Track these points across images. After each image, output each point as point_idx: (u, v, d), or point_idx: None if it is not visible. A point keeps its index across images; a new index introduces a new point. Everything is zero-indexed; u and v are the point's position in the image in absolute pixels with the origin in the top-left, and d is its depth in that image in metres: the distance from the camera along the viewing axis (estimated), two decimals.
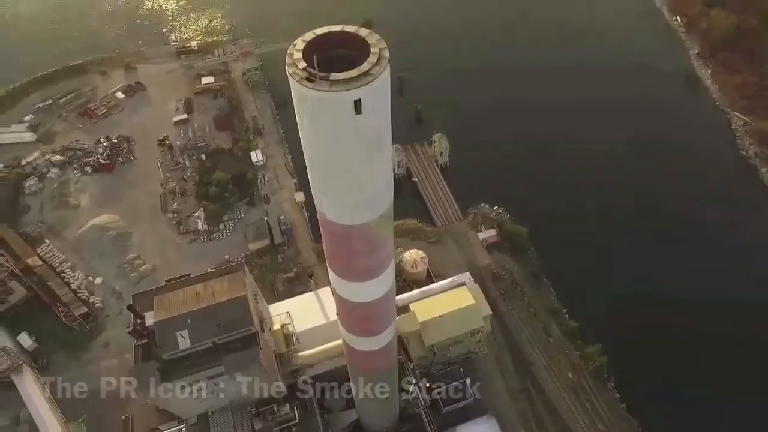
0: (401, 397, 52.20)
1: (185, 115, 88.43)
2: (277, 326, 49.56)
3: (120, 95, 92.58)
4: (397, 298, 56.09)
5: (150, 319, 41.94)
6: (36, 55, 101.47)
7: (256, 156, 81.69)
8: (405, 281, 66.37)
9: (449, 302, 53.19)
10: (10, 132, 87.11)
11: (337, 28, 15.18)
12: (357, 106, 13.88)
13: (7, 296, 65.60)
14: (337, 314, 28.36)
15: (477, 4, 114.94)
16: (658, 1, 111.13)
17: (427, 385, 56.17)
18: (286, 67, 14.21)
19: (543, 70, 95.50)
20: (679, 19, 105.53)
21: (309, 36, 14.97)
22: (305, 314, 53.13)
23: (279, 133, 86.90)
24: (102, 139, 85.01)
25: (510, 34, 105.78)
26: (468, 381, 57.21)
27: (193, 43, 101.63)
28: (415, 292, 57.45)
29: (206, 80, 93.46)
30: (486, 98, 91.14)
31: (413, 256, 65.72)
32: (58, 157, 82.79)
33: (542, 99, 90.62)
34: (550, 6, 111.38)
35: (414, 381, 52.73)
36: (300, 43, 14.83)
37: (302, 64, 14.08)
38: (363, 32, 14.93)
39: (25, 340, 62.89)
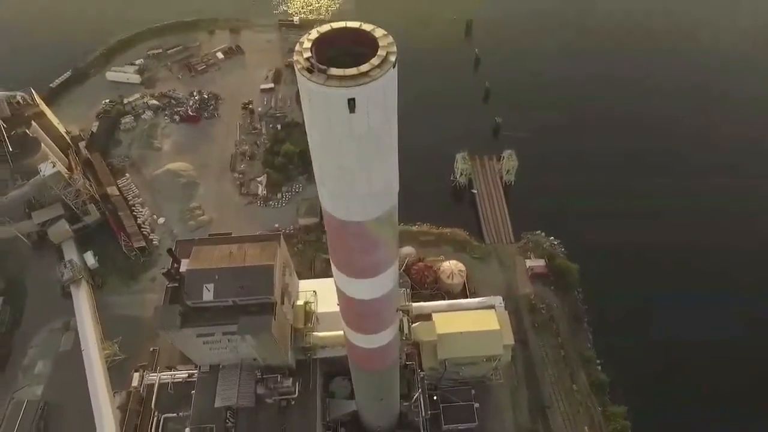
0: (402, 402, 52.00)
1: (272, 85, 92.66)
2: (300, 302, 50.91)
3: (220, 55, 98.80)
4: (424, 304, 56.15)
5: (185, 266, 44.83)
6: (159, 5, 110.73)
7: None
8: (438, 290, 65.58)
9: (473, 322, 51.92)
10: (121, 72, 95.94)
11: (355, 24, 15.15)
12: (351, 104, 13.83)
13: (83, 216, 72.82)
14: (337, 305, 28.64)
15: (593, 6, 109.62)
16: None
17: (434, 397, 55.52)
18: (294, 55, 14.46)
19: (656, 98, 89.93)
20: None
21: (325, 29, 15.10)
22: (330, 297, 53.70)
23: None
24: (195, 93, 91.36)
25: (624, 47, 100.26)
26: (476, 405, 55.77)
27: (296, 18, 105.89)
28: (443, 302, 56.67)
29: None
30: (575, 121, 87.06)
31: (452, 267, 64.52)
32: (155, 102, 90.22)
33: (641, 130, 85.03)
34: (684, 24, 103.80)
35: (420, 389, 52.33)
36: (314, 34, 15.00)
37: (307, 54, 14.25)
38: (378, 32, 14.78)
39: (89, 258, 69.57)
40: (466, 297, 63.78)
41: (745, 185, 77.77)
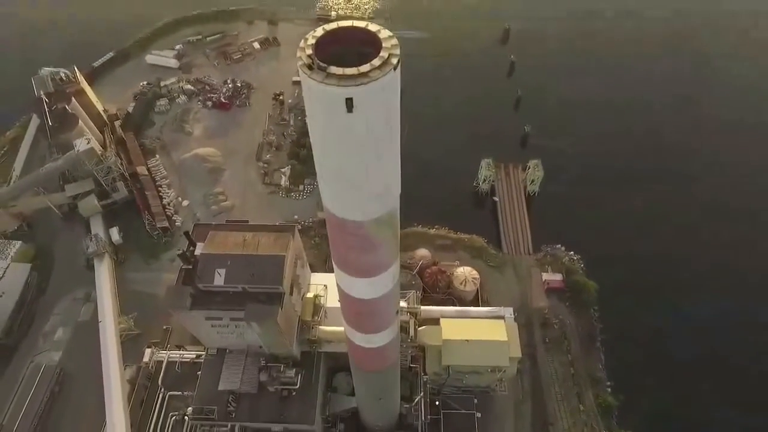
0: (403, 404, 51.91)
1: None
2: (310, 295, 51.30)
3: (256, 45, 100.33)
4: (432, 308, 55.79)
5: (199, 249, 45.82)
6: None
7: None
8: (450, 295, 65.13)
9: (480, 330, 51.28)
10: (161, 56, 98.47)
11: (361, 23, 15.11)
12: (348, 104, 13.81)
13: (112, 193, 75.26)
14: (338, 300, 28.76)
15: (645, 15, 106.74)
16: None
17: (436, 403, 55.29)
18: (297, 50, 14.54)
19: (696, 118, 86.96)
20: None
21: (331, 26, 15.12)
22: None
23: None
24: (229, 81, 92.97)
25: (671, 64, 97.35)
26: (478, 415, 55.24)
27: (333, 13, 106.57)
28: (452, 308, 56.19)
29: None
30: (608, 136, 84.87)
31: (466, 273, 63.94)
32: (190, 87, 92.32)
33: (680, 151, 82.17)
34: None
35: (421, 393, 52.15)
36: (320, 31, 15.04)
37: (309, 51, 14.31)
38: (383, 33, 14.70)
39: (114, 234, 71.76)
40: (479, 305, 63.23)
41: None
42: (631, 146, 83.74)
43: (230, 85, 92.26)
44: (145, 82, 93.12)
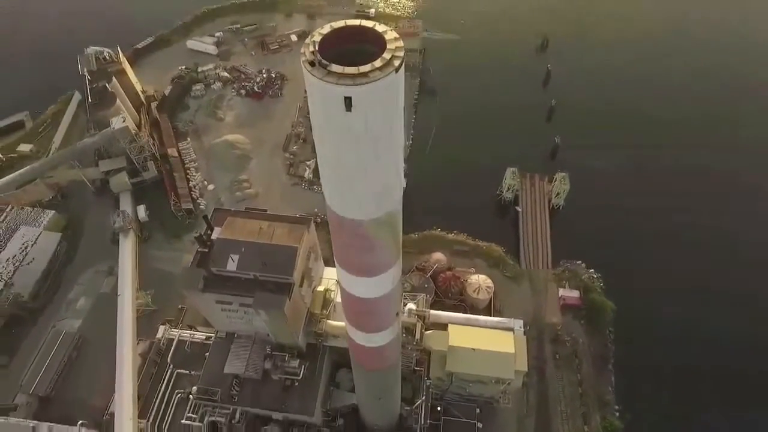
0: (405, 406, 51.82)
1: None
2: (321, 288, 51.75)
3: (293, 38, 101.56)
4: (441, 313, 55.37)
5: (217, 234, 46.78)
6: None
7: None
8: (463, 302, 64.57)
9: (488, 340, 50.58)
10: (201, 42, 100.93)
11: (369, 23, 15.09)
12: (347, 103, 13.83)
13: (143, 171, 77.60)
14: (340, 297, 28.86)
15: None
16: None
17: (438, 408, 54.86)
18: (302, 47, 14.63)
19: (742, 139, 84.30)
20: None
21: (338, 25, 15.16)
22: None
23: (409, 117, 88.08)
24: (263, 71, 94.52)
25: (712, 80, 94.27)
26: (479, 425, 54.53)
27: (371, 11, 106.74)
28: (461, 315, 55.56)
29: None
30: (641, 155, 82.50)
31: (480, 281, 63.22)
32: (225, 74, 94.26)
33: (719, 174, 79.32)
34: None
35: (423, 397, 51.89)
36: (327, 29, 15.10)
37: (312, 48, 14.38)
38: (389, 35, 14.65)
39: (141, 212, 74.07)
40: (491, 314, 62.44)
41: None
42: (667, 169, 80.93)
43: (264, 75, 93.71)
44: (183, 67, 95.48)
